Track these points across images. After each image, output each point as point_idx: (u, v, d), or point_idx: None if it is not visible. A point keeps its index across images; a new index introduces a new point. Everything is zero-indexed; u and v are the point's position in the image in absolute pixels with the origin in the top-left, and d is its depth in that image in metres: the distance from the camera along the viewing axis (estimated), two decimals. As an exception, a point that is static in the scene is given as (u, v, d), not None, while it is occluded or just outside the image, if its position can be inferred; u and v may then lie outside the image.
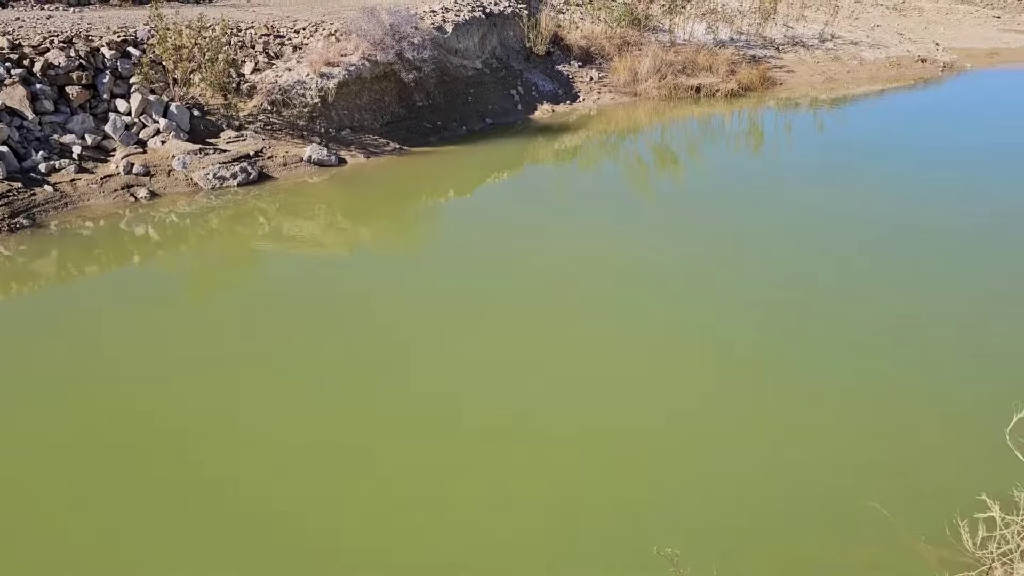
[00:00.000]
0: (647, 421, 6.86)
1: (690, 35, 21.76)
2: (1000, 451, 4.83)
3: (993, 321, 8.65)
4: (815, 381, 7.40)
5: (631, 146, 16.87)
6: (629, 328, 8.43)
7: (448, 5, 17.03)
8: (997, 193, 13.10)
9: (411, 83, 14.71)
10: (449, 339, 8.21)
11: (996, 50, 29.54)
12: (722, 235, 11.13)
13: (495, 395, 7.22)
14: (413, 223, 12.34)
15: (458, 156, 14.39)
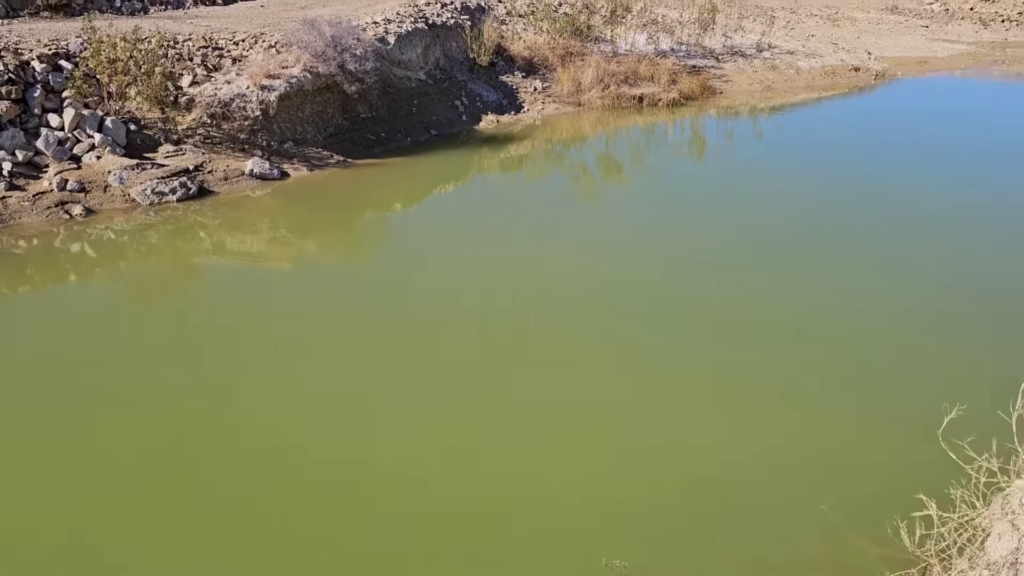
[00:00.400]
0: (594, 429, 6.88)
1: (632, 45, 22.02)
2: (934, 451, 4.96)
3: (922, 324, 8.90)
4: (758, 389, 7.51)
5: (576, 155, 16.99)
6: (579, 337, 8.46)
7: (390, 16, 16.96)
8: (934, 193, 13.51)
9: (354, 95, 14.60)
10: (397, 353, 8.14)
11: (925, 58, 30.52)
12: (668, 243, 11.25)
13: (442, 409, 7.17)
14: (359, 236, 12.24)
15: (403, 168, 14.32)
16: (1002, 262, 10.75)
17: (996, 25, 39.64)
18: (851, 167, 15.46)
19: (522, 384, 7.59)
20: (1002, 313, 9.12)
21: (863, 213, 12.67)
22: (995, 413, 4.72)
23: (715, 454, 6.58)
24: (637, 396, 7.39)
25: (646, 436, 6.84)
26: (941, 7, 41.21)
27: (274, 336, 8.49)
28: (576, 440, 6.73)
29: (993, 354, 8.10)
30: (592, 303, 9.34)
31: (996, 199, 13.49)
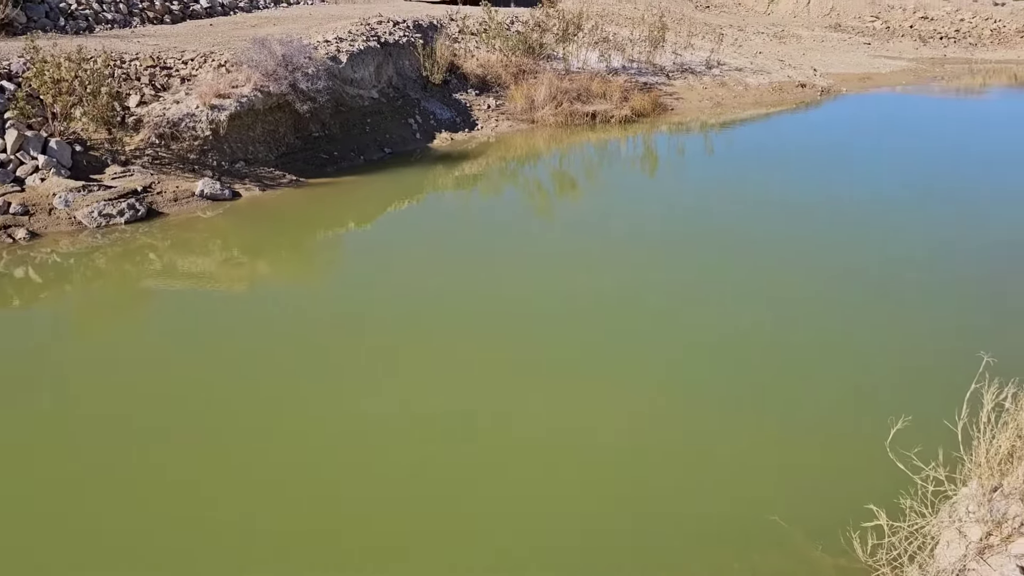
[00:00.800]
0: (553, 447, 6.89)
1: (584, 63, 22.26)
2: (883, 462, 5.05)
3: (866, 335, 9.09)
4: (705, 401, 7.59)
5: (531, 172, 17.09)
6: (536, 354, 8.47)
7: (342, 35, 16.92)
8: (883, 206, 13.85)
9: (306, 114, 14.51)
10: (356, 372, 8.07)
11: (868, 75, 31.37)
12: (622, 257, 11.36)
13: (405, 432, 7.12)
14: (313, 255, 12.13)
15: (357, 186, 14.24)
16: (941, 274, 11.05)
17: (935, 42, 40.90)
18: (801, 181, 15.80)
19: (482, 401, 7.56)
20: (944, 322, 9.36)
21: (812, 226, 12.93)
22: (941, 423, 4.84)
23: (667, 467, 6.63)
24: (592, 409, 7.42)
25: (598, 449, 6.86)
26: (882, 25, 42.41)
27: (227, 358, 8.35)
28: (526, 454, 6.73)
29: (937, 364, 8.30)
30: (549, 316, 9.38)
31: (935, 211, 13.88)
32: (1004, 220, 13.34)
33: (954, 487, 4.59)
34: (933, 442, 4.86)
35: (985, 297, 10.15)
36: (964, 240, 12.27)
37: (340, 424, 7.16)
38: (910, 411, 5.07)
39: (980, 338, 7.68)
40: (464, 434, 7.05)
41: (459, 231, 12.98)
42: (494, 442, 6.98)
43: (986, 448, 4.33)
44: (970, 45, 40.89)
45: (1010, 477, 4.17)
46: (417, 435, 7.01)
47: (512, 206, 14.89)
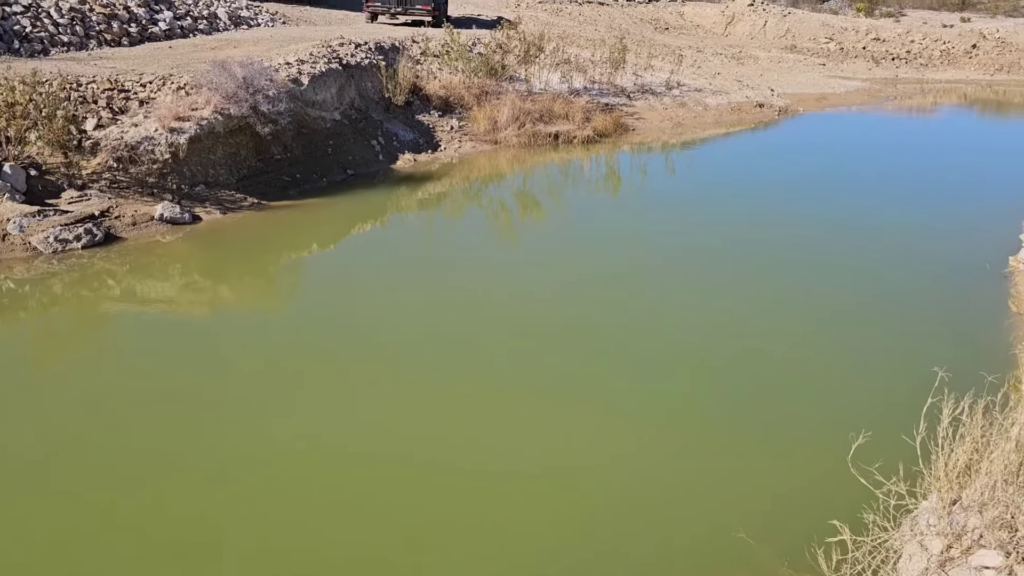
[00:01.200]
0: (516, 469, 6.87)
1: (546, 84, 22.44)
2: (846, 477, 5.11)
3: (824, 352, 9.24)
4: (667, 418, 7.64)
5: (495, 192, 17.13)
6: (503, 378, 8.46)
7: (303, 57, 16.87)
8: (837, 222, 14.10)
9: (268, 136, 14.41)
10: (313, 402, 7.98)
11: (824, 95, 32.03)
12: (585, 276, 11.41)
13: (372, 461, 7.05)
14: (276, 279, 12.01)
15: (320, 209, 14.16)
16: (895, 290, 11.27)
17: (887, 63, 41.93)
18: (762, 199, 16.04)
19: (450, 428, 7.52)
20: (898, 339, 9.54)
21: (770, 242, 13.12)
22: (900, 437, 4.92)
23: (632, 486, 6.64)
24: (557, 431, 7.42)
25: (562, 471, 6.86)
26: (836, 46, 43.39)
27: (187, 384, 8.21)
28: (491, 479, 6.70)
29: (893, 379, 8.45)
30: (513, 337, 9.39)
31: (890, 229, 14.17)
32: (955, 240, 13.66)
33: (915, 501, 4.66)
34: (893, 457, 4.93)
35: (936, 315, 10.37)
36: (916, 258, 12.54)
37: (303, 457, 7.07)
38: (870, 426, 5.15)
39: (934, 354, 7.83)
40: (432, 463, 7.00)
41: (423, 253, 12.96)
42: (461, 469, 6.94)
43: (944, 462, 4.40)
44: (921, 66, 41.97)
45: (968, 490, 4.24)
46: (386, 466, 6.95)
47: (476, 227, 14.90)
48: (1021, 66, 41.92)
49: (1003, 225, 12.68)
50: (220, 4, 24.01)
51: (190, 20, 21.80)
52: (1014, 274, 11.20)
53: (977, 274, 11.42)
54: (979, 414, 4.62)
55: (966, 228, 14.09)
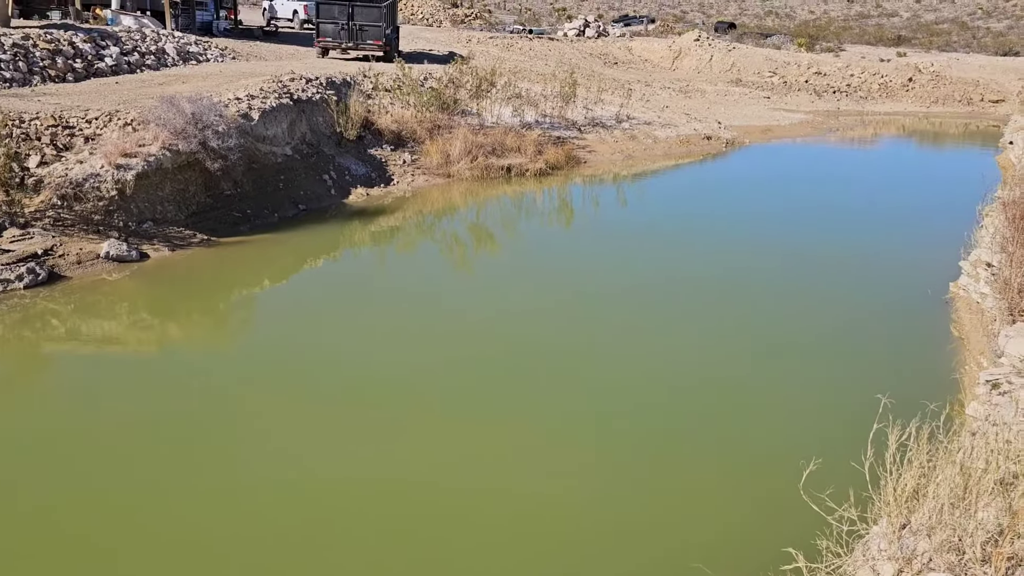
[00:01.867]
0: (473, 497, 6.82)
1: (498, 118, 22.65)
2: (798, 504, 5.17)
3: (773, 381, 9.39)
4: (625, 450, 7.67)
5: (448, 226, 17.15)
6: (457, 408, 8.41)
7: (254, 92, 16.79)
8: (788, 250, 14.40)
9: (217, 172, 14.26)
10: (264, 440, 7.84)
11: (769, 127, 32.86)
12: (540, 308, 11.46)
13: (316, 498, 6.93)
14: (226, 316, 11.82)
15: (271, 244, 14.01)
16: (841, 319, 11.53)
17: (829, 96, 43.23)
18: (709, 230, 16.31)
19: (404, 462, 7.44)
20: (846, 367, 9.73)
21: (719, 274, 13.34)
22: (849, 464, 4.99)
23: (590, 517, 6.62)
24: (514, 461, 7.39)
25: (518, 500, 6.82)
26: (780, 80, 44.62)
27: (133, 424, 7.99)
28: (446, 508, 6.64)
29: (842, 407, 8.60)
30: (469, 368, 9.36)
31: (836, 259, 14.50)
32: (898, 268, 14.03)
33: (866, 526, 4.73)
34: (844, 483, 5.00)
35: (883, 342, 10.61)
36: (861, 287, 12.85)
37: (254, 494, 6.92)
38: (820, 453, 5.22)
39: (880, 381, 8.00)
40: (389, 496, 6.91)
41: (377, 287, 12.90)
42: (414, 500, 6.86)
43: (893, 487, 4.48)
44: (861, 98, 43.35)
45: (917, 514, 4.32)
46: (340, 502, 6.84)
47: (431, 260, 14.88)
48: (955, 98, 43.55)
49: (944, 252, 13.06)
50: (168, 40, 23.83)
51: (137, 56, 21.59)
52: (955, 300, 11.53)
53: (920, 301, 11.72)
54: (924, 439, 4.72)
55: (909, 256, 14.49)
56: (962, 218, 13.54)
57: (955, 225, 13.25)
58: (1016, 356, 6.20)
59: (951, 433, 5.35)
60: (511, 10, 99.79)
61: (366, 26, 28.48)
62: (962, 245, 12.09)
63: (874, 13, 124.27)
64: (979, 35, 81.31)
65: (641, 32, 60.13)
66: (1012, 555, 3.65)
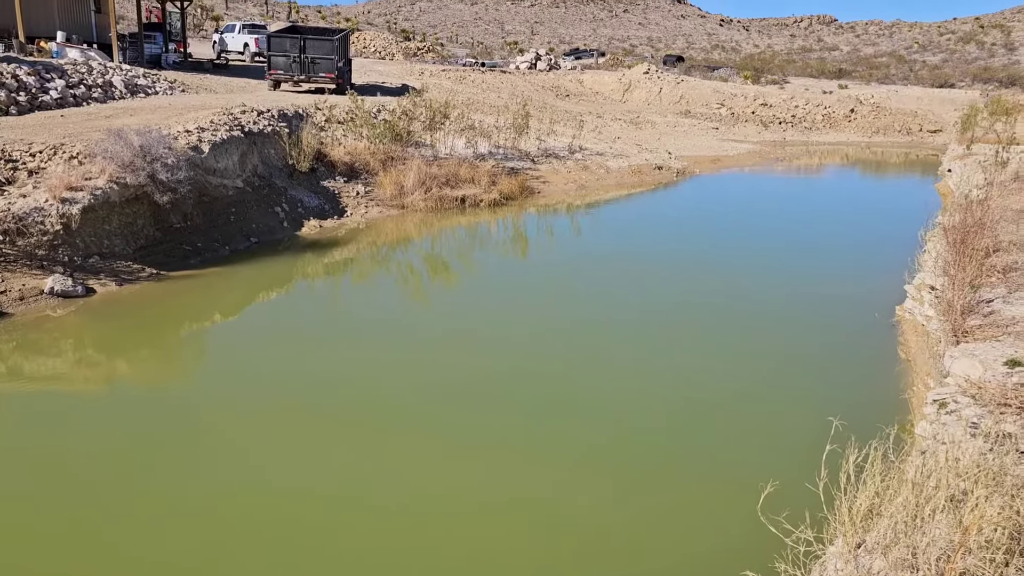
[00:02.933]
0: (426, 526, 6.72)
1: (452, 149, 22.75)
2: (755, 528, 5.20)
3: (729, 406, 9.48)
4: (583, 475, 7.64)
5: (403, 257, 17.09)
6: (410, 438, 8.31)
7: (204, 125, 16.62)
8: (734, 274, 14.62)
9: (166, 205, 14.03)
10: (212, 475, 7.65)
11: (718, 157, 33.53)
12: (498, 336, 11.44)
13: (273, 533, 6.76)
14: (176, 351, 11.55)
15: (222, 278, 13.80)
16: (792, 344, 11.72)
17: (775, 126, 44.32)
18: (663, 256, 16.52)
19: (360, 493, 7.31)
20: (798, 390, 9.87)
21: (674, 301, 13.48)
22: (805, 486, 5.04)
23: (550, 544, 6.57)
24: (470, 490, 7.31)
25: (479, 530, 6.74)
26: (727, 111, 45.63)
27: (79, 464, 7.74)
28: (393, 535, 6.54)
29: (796, 430, 8.70)
30: (425, 400, 9.27)
31: (786, 286, 14.77)
32: (847, 294, 14.34)
33: (822, 547, 4.76)
34: (800, 505, 5.04)
35: (834, 366, 10.80)
36: (811, 312, 13.09)
37: (207, 529, 6.74)
38: (778, 476, 5.26)
39: (832, 403, 8.12)
40: (351, 526, 6.78)
41: (331, 318, 12.76)
42: (375, 527, 6.75)
43: (848, 507, 4.53)
44: (806, 129, 44.53)
45: (872, 533, 4.36)
46: (299, 534, 6.68)
47: (385, 291, 14.78)
48: (895, 128, 44.98)
49: (889, 277, 13.38)
50: (116, 72, 23.51)
51: (84, 89, 21.23)
52: (901, 323, 11.80)
53: (868, 325, 11.97)
54: (878, 459, 4.79)
55: (856, 282, 14.81)
56: (906, 244, 13.93)
57: (899, 251, 13.62)
58: (961, 376, 6.34)
59: (902, 453, 5.44)
60: (463, 43, 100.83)
61: (318, 59, 28.45)
62: (906, 270, 12.40)
63: (816, 47, 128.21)
64: (916, 68, 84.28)
65: (592, 65, 61.13)
66: (964, 570, 3.71)
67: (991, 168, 19.69)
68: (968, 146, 27.83)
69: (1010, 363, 6.40)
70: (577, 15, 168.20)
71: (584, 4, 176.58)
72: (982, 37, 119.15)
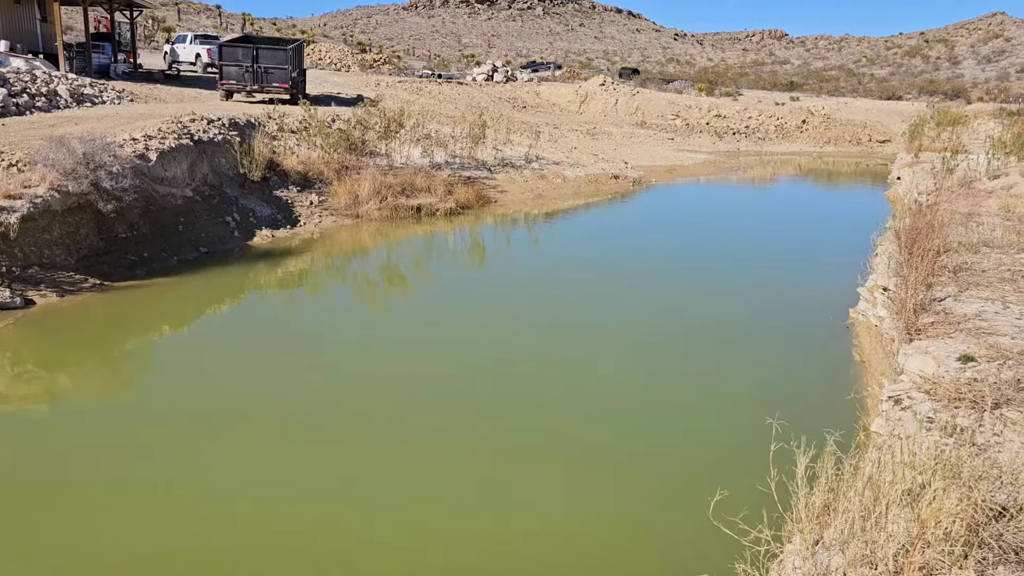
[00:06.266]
0: (375, 532, 6.52)
1: (407, 159, 22.55)
2: (711, 532, 5.09)
3: (683, 410, 9.43)
4: (539, 483, 7.50)
5: (358, 266, 16.82)
6: (369, 440, 8.10)
7: (151, 133, 16.22)
8: (691, 283, 14.63)
9: (111, 214, 13.61)
10: (161, 494, 7.35)
11: (674, 167, 33.80)
12: (457, 344, 11.26)
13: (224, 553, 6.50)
14: (120, 363, 11.16)
15: (169, 288, 13.41)
16: (749, 348, 11.73)
17: (729, 137, 44.88)
18: (619, 263, 16.49)
19: (309, 510, 7.07)
20: (755, 392, 9.85)
21: (630, 302, 13.44)
22: (762, 486, 4.94)
23: (505, 553, 6.40)
24: (424, 502, 7.12)
25: (418, 523, 6.56)
26: (682, 122, 46.09)
27: (21, 479, 7.38)
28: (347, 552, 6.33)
29: (754, 432, 8.65)
30: (383, 405, 9.06)
31: (742, 292, 14.83)
32: (801, 298, 14.43)
33: (779, 545, 4.67)
34: (757, 505, 4.95)
35: (790, 369, 10.82)
36: (767, 317, 13.14)
37: (143, 553, 6.44)
38: (732, 478, 5.18)
39: (788, 405, 8.08)
40: (299, 549, 6.54)
41: (284, 329, 12.45)
42: (335, 546, 6.51)
43: (804, 503, 4.44)
44: (759, 139, 45.16)
45: (829, 529, 4.28)
46: (251, 552, 6.43)
47: (338, 301, 14.50)
48: (846, 139, 45.85)
49: (842, 281, 13.48)
50: (61, 82, 22.90)
51: (27, 97, 20.63)
52: (855, 325, 11.87)
53: (823, 329, 12.03)
54: (830, 457, 4.71)
55: (810, 287, 14.93)
56: (858, 249, 14.07)
57: (851, 256, 13.75)
58: (916, 372, 6.33)
59: (858, 448, 5.38)
60: (420, 56, 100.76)
61: (271, 69, 28.10)
62: (859, 273, 12.49)
63: (768, 60, 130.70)
64: (864, 81, 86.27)
65: (548, 78, 61.41)
66: (923, 564, 3.63)
67: (939, 174, 20.07)
68: (916, 154, 28.41)
69: (963, 359, 6.41)
70: (534, 28, 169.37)
71: (541, 18, 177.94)
72: (927, 51, 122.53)
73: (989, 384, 5.58)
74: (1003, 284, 8.80)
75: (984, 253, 10.44)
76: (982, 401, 5.31)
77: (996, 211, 14.09)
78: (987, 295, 8.34)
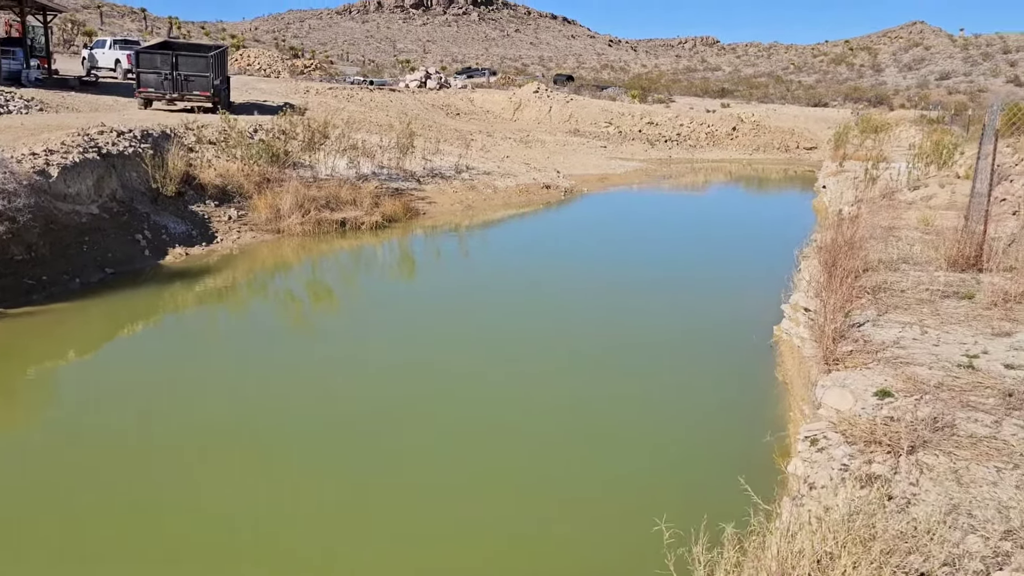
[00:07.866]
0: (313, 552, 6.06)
1: (332, 170, 21.95)
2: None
3: (604, 436, 9.16)
4: (481, 513, 7.13)
5: (281, 283, 16.21)
6: (299, 467, 7.60)
7: (53, 147, 15.33)
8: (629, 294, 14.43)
9: (5, 236, 12.75)
10: (72, 527, 6.74)
11: (606, 175, 33.81)
12: (387, 361, 10.81)
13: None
14: (11, 396, 10.40)
15: (70, 313, 12.62)
16: (670, 368, 11.55)
17: (661, 144, 45.18)
18: (544, 280, 16.23)
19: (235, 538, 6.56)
20: (676, 417, 9.65)
21: (548, 324, 13.16)
22: (655, 532, 4.66)
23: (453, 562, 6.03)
24: (357, 521, 6.67)
25: (374, 544, 6.14)
26: (615, 130, 46.27)
27: None
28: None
29: (688, 460, 8.43)
30: (305, 431, 8.56)
31: (663, 308, 14.70)
32: (724, 314, 14.36)
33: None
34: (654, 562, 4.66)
35: (712, 391, 10.66)
36: (688, 335, 13.01)
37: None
38: (660, 511, 4.88)
39: (711, 431, 7.83)
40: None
41: (199, 353, 11.80)
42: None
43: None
44: (691, 147, 45.59)
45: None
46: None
47: (258, 321, 13.86)
48: (774, 146, 46.63)
49: (768, 297, 13.42)
50: (-39, 89, 21.69)
51: (-79, 106, 19.44)
52: (779, 343, 11.78)
53: (746, 346, 11.91)
54: (734, 544, 4.39)
55: (736, 302, 14.84)
56: (785, 261, 14.02)
57: (779, 268, 13.67)
58: (832, 408, 6.15)
59: (776, 496, 5.15)
60: (354, 61, 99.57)
61: (192, 76, 27.19)
62: (783, 288, 12.42)
63: (700, 67, 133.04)
64: (792, 88, 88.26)
65: (484, 84, 61.17)
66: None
67: (862, 185, 20.34)
68: (841, 163, 28.90)
69: (880, 393, 6.25)
70: (469, 34, 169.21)
71: (476, 24, 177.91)
72: (852, 59, 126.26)
73: (905, 424, 5.41)
74: (921, 306, 8.76)
75: (903, 271, 10.43)
76: (898, 445, 5.12)
77: (915, 224, 14.22)
78: (906, 319, 8.26)
